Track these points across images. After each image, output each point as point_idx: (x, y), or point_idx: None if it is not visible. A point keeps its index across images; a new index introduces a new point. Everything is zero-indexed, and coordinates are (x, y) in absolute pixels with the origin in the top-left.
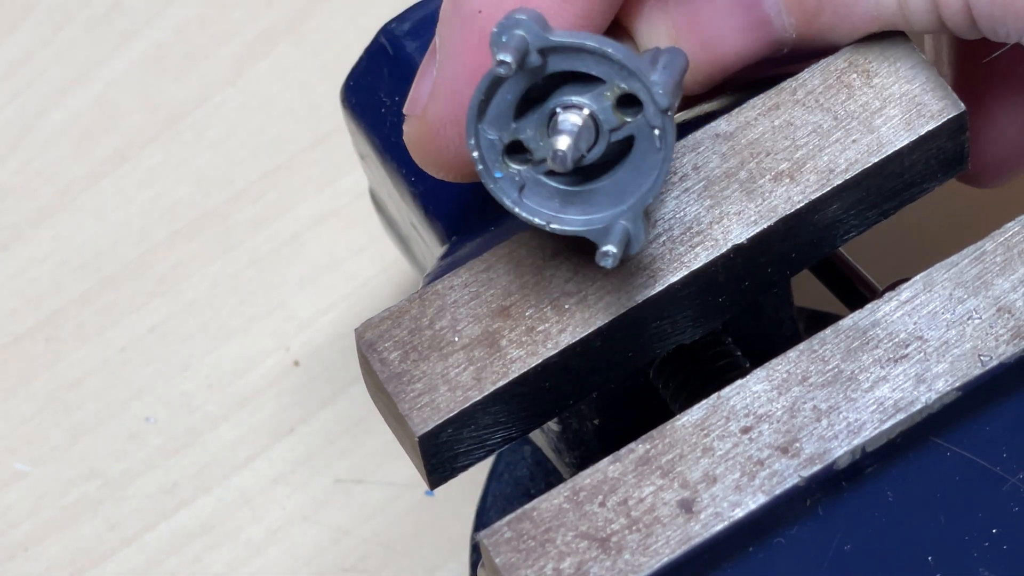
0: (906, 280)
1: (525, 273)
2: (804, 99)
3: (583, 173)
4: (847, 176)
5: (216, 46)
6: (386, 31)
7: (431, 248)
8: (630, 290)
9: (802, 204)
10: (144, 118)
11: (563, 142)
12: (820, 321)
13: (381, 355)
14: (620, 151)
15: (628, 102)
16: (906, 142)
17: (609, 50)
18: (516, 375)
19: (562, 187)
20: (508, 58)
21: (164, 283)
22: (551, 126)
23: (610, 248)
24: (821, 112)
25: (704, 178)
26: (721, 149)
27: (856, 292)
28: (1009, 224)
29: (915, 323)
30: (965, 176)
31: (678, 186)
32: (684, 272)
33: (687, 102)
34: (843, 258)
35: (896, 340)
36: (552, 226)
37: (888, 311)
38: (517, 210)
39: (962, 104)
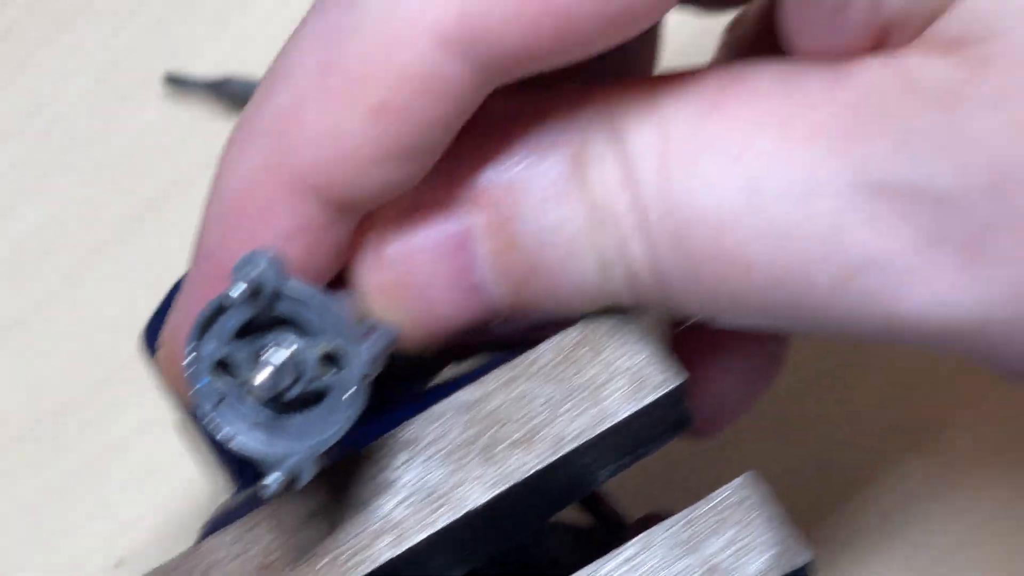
0: (656, 515)
1: (285, 532)
2: (538, 372)
3: (281, 405)
4: (575, 444)
5: (47, 261)
6: (178, 287)
7: (227, 483)
8: (379, 550)
9: (535, 470)
10: None
11: (262, 375)
12: (582, 539)
13: None
14: (318, 395)
15: (333, 359)
16: (629, 412)
17: (329, 313)
18: None
19: (259, 412)
20: (236, 293)
21: None
22: (260, 356)
23: (272, 480)
24: (553, 384)
25: (447, 445)
26: (463, 418)
27: (607, 523)
28: (721, 488)
29: None
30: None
31: (422, 453)
32: (427, 533)
33: (437, 362)
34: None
35: None
36: (232, 444)
37: (611, 568)
38: (206, 420)
39: (685, 374)
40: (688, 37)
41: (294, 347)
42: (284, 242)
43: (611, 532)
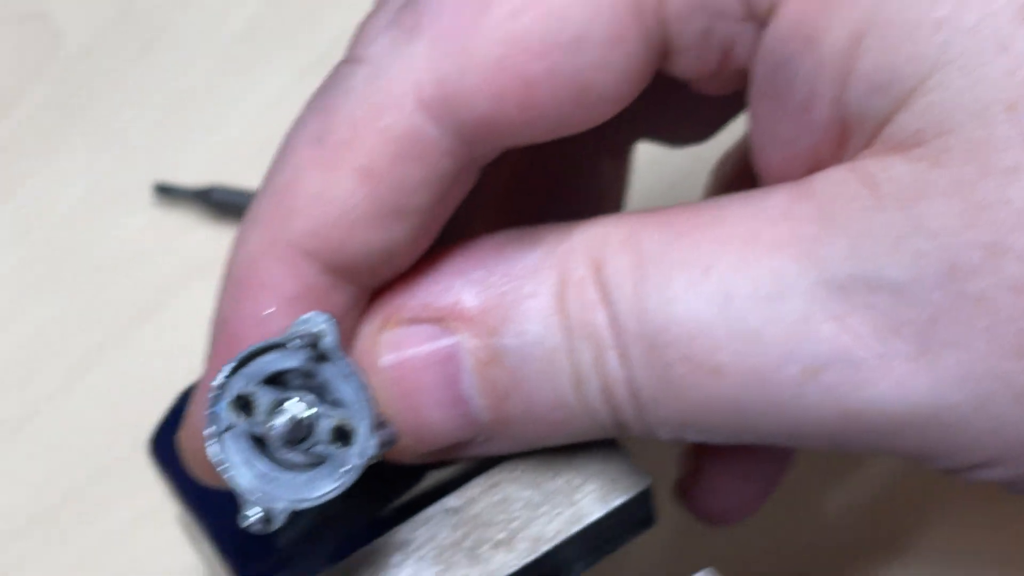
0: None
1: None
2: (519, 477)
3: (277, 460)
4: (553, 543)
5: (47, 362)
6: (184, 396)
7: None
8: None
9: (517, 568)
10: None
11: (281, 420)
12: None
13: None
14: (313, 462)
15: (342, 434)
16: (601, 513)
17: (360, 393)
18: None
19: (257, 456)
20: (292, 339)
21: None
22: (283, 405)
23: (251, 513)
24: (532, 489)
25: (436, 546)
26: (451, 521)
27: None
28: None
29: None
30: (713, 517)
31: (414, 553)
32: None
33: (419, 469)
34: None
35: None
36: (225, 473)
37: None
38: (208, 442)
39: (647, 479)
40: (659, 175)
41: (315, 409)
42: (288, 306)
43: None
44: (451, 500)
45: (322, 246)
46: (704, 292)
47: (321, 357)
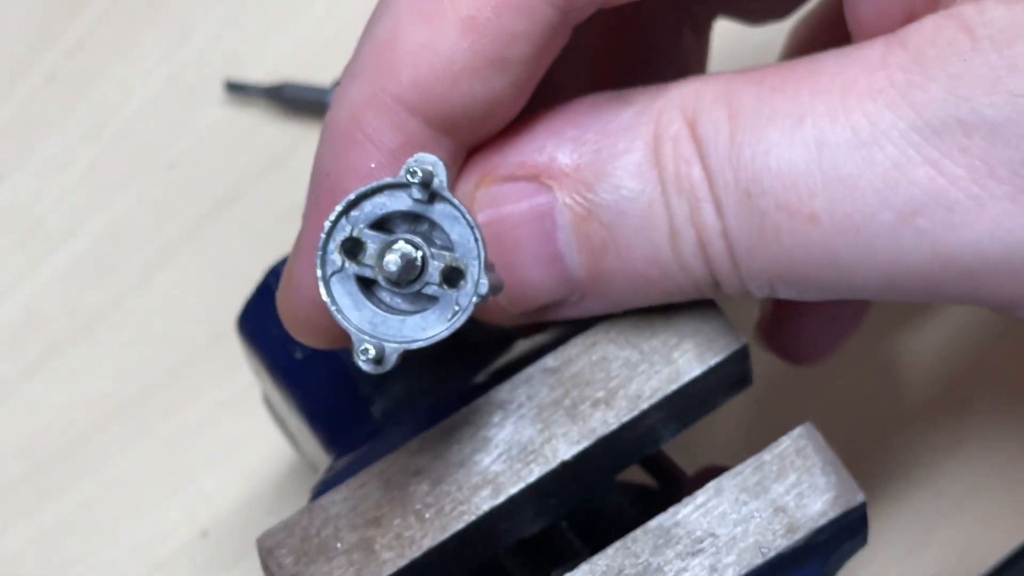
0: (714, 467)
1: (393, 488)
2: (616, 337)
3: (384, 304)
4: (652, 401)
5: (125, 257)
6: (273, 272)
7: (317, 453)
8: (478, 501)
9: (616, 426)
10: (66, 322)
11: (393, 258)
12: (642, 496)
13: (278, 560)
14: (422, 306)
15: (452, 275)
16: (699, 371)
17: (470, 235)
18: (388, 573)
19: (367, 300)
20: (413, 179)
21: (90, 466)
22: (393, 246)
23: (363, 351)
24: (630, 348)
25: (536, 406)
26: (549, 381)
27: (668, 474)
28: (782, 438)
29: (708, 522)
30: (795, 355)
31: (514, 413)
32: (522, 485)
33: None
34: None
35: (693, 537)
36: (332, 309)
37: (687, 513)
38: (320, 285)
39: (743, 339)
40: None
41: (426, 249)
42: (390, 160)
43: (671, 487)
44: (549, 360)
45: (425, 98)
46: (798, 140)
47: (431, 198)
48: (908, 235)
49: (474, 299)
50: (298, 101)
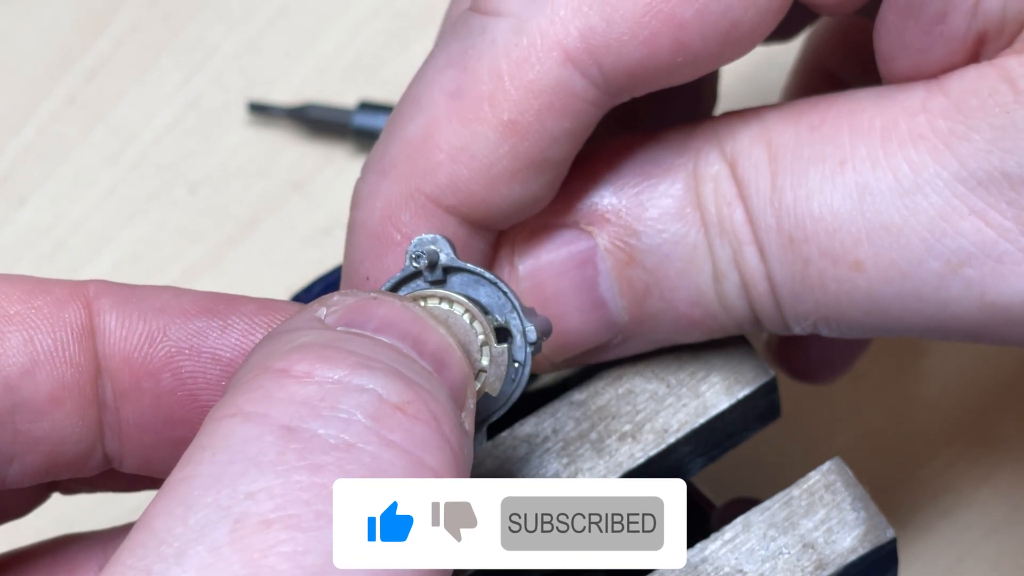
0: (743, 500)
1: None
2: (643, 370)
3: None
4: (679, 435)
5: (147, 281)
6: (295, 299)
7: None
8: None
9: (643, 460)
10: None
11: None
12: None
13: None
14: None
15: (500, 336)
16: (726, 405)
17: (501, 284)
18: None
19: None
20: (421, 264)
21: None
22: None
23: None
24: (657, 381)
25: (562, 439)
26: (576, 414)
27: (697, 507)
28: (811, 473)
29: (736, 559)
30: (806, 374)
31: (540, 447)
32: None
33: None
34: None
35: (722, 573)
36: None
37: (714, 548)
38: None
39: (771, 372)
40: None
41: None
42: None
43: (699, 519)
44: (576, 394)
45: (464, 200)
46: (839, 185)
47: (446, 271)
48: (956, 284)
49: (528, 349)
50: (321, 122)
